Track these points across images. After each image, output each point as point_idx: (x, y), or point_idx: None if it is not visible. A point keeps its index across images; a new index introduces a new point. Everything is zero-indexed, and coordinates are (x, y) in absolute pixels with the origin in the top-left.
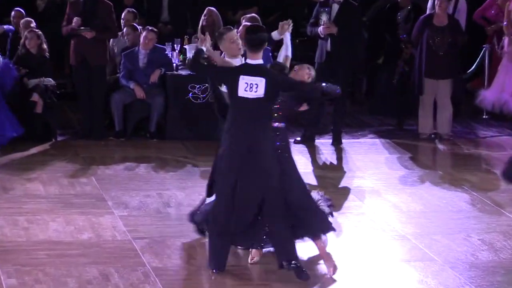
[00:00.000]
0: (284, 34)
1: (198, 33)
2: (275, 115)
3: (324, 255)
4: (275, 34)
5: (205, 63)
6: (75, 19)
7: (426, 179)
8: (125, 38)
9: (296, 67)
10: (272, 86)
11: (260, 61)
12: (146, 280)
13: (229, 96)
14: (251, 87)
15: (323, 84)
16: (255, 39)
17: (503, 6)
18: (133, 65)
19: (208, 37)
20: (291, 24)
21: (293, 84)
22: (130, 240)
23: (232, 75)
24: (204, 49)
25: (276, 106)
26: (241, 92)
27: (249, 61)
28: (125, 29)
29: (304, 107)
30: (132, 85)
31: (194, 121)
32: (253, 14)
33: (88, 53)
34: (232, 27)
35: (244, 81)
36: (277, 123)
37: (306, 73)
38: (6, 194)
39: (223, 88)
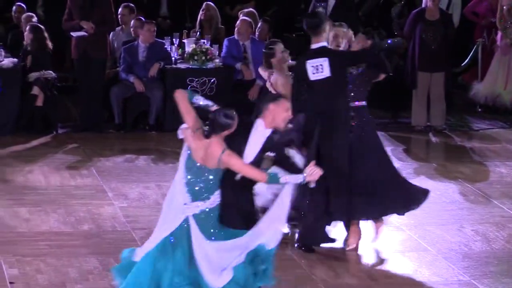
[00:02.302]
0: None
1: (196, 27)
2: (351, 94)
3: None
4: None
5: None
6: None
7: (420, 171)
8: (131, 30)
9: (354, 39)
10: (336, 63)
11: (322, 44)
12: None
13: (306, 84)
14: (317, 69)
15: (388, 41)
16: (310, 23)
17: (493, 1)
18: (133, 59)
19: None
20: None
21: (355, 56)
22: (130, 231)
23: (300, 64)
24: None
25: (350, 86)
26: (312, 76)
27: (312, 46)
28: (132, 22)
29: (382, 76)
30: (131, 78)
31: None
32: (251, 9)
33: (89, 47)
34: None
35: (310, 65)
36: (356, 102)
37: (363, 41)
38: (8, 185)
39: None
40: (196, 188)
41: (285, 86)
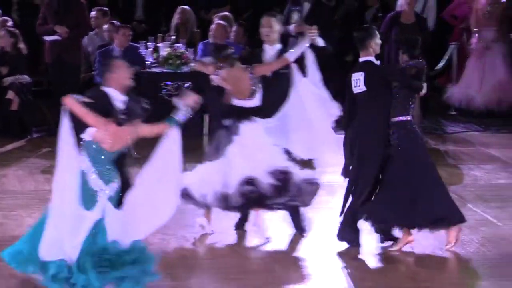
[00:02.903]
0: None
1: (171, 31)
2: (395, 109)
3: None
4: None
5: None
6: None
7: None
8: (104, 34)
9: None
10: (370, 78)
11: (367, 58)
12: None
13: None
14: (357, 83)
15: (411, 63)
16: (356, 36)
17: (472, 4)
18: None
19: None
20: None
21: (388, 74)
22: None
23: (349, 77)
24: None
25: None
26: (354, 89)
27: (359, 59)
28: (106, 26)
29: (422, 93)
30: None
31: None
32: (226, 13)
33: (63, 51)
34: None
35: (353, 78)
36: (400, 117)
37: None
38: None
39: None
40: (106, 173)
41: (232, 81)
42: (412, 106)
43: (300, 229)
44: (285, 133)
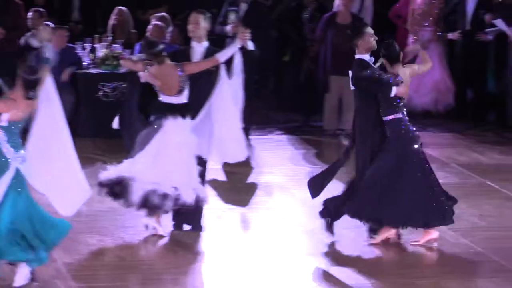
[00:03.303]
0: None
1: (108, 32)
2: (382, 108)
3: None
4: None
5: None
6: None
7: None
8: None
9: None
10: (354, 77)
11: (357, 56)
12: (57, 275)
13: None
14: (350, 80)
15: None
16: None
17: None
18: None
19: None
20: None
21: (355, 77)
22: None
23: None
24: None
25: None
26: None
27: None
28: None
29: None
30: None
31: (104, 119)
32: (164, 13)
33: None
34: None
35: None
36: (387, 116)
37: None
38: None
39: None
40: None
41: (161, 77)
42: (400, 104)
43: (198, 227)
44: (204, 133)
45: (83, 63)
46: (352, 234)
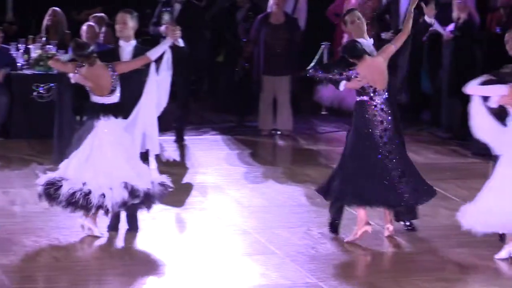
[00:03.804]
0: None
1: (42, 33)
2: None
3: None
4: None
5: None
6: None
7: (267, 175)
8: None
9: None
10: None
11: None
12: None
13: None
14: None
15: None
16: None
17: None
18: None
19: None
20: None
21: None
22: None
23: None
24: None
25: None
26: None
27: None
28: None
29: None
30: None
31: (38, 120)
32: (101, 14)
33: None
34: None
35: None
36: (356, 98)
37: None
38: None
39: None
40: None
41: (93, 78)
42: (370, 89)
43: (134, 228)
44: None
45: (17, 64)
46: (287, 234)
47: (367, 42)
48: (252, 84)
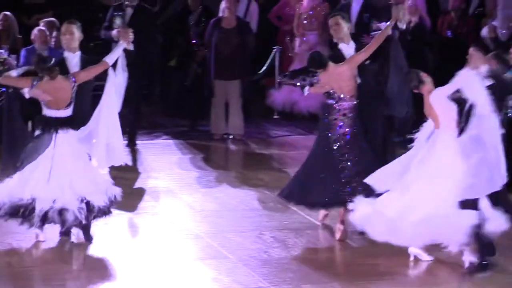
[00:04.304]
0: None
1: None
2: None
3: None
4: None
5: None
6: None
7: (219, 179)
8: None
9: None
10: None
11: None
12: None
13: None
14: None
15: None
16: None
17: (296, 5)
18: None
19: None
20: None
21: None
22: None
23: None
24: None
25: None
26: None
27: None
28: None
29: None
30: None
31: None
32: (52, 19)
33: None
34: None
35: None
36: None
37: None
38: None
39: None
40: None
41: (52, 92)
42: (335, 94)
43: (89, 239)
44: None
45: None
46: (239, 238)
47: (347, 46)
48: (204, 89)
